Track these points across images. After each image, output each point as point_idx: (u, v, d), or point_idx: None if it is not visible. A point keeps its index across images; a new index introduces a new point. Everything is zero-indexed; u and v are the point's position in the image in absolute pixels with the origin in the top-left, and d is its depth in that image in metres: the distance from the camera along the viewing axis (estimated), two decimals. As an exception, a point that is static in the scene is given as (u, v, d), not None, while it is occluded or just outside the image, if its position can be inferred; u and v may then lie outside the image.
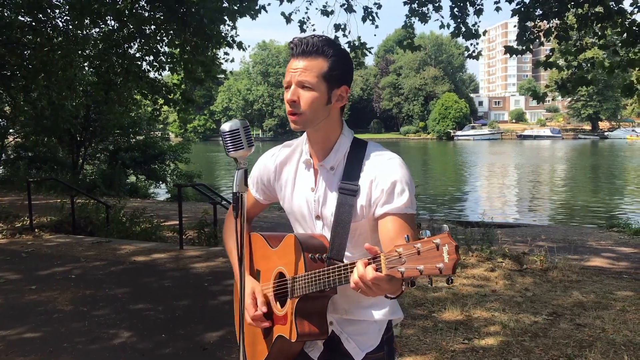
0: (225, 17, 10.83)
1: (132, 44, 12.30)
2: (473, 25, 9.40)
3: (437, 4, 9.78)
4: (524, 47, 9.79)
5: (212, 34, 11.14)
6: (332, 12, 10.68)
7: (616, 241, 10.54)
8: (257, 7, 10.51)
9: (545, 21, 9.85)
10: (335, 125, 1.83)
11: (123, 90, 13.34)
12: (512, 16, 9.87)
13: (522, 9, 9.44)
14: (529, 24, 9.68)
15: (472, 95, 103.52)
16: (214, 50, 12.04)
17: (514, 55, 9.78)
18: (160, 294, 5.94)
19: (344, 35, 10.08)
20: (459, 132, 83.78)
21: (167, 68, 13.01)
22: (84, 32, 12.12)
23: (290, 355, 1.86)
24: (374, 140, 1.90)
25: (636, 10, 9.11)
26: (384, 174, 1.72)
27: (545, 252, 7.35)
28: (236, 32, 12.17)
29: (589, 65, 10.11)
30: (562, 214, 18.28)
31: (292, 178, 1.91)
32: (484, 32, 10.10)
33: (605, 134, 77.81)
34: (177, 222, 8.60)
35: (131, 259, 7.56)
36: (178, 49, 11.77)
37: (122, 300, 5.71)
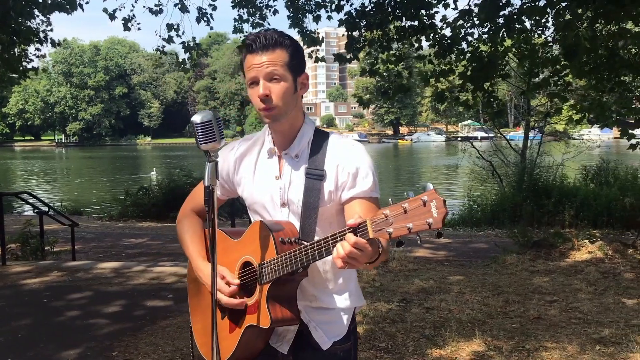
0: (36, 11, 9.91)
1: None
2: (313, 33, 9.78)
3: (272, 9, 10.01)
4: (351, 55, 10.42)
5: (20, 29, 10.09)
6: (161, 10, 10.33)
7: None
8: (76, 2, 9.76)
9: (369, 32, 10.56)
10: (299, 113, 1.86)
11: None
12: (339, 26, 10.44)
13: (350, 19, 10.04)
14: (356, 33, 10.32)
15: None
16: (22, 46, 10.92)
17: (323, 64, 10.37)
18: (-7, 315, 5.26)
19: (178, 36, 9.83)
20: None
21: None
22: None
23: (256, 350, 1.83)
24: (191, 145, 1.94)
25: (445, 26, 10.18)
26: (350, 159, 1.79)
27: (382, 246, 7.89)
28: (51, 27, 11.17)
29: (407, 73, 11.05)
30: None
31: (252, 168, 1.91)
32: (322, 39, 10.54)
33: (405, 137, 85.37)
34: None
35: (-57, 280, 6.57)
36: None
37: (-55, 326, 4.96)
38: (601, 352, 4.15)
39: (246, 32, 10.33)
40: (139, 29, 11.31)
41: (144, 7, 10.33)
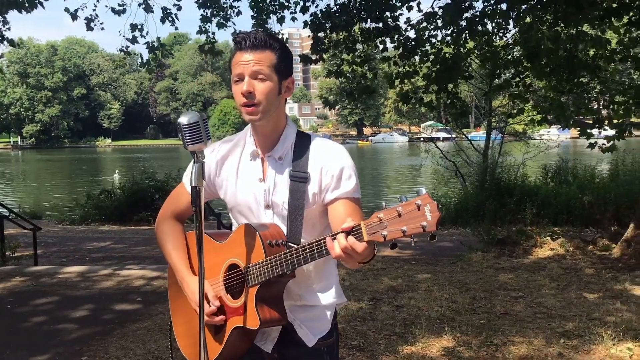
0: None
1: None
2: (276, 34, 9.76)
3: (237, 9, 9.98)
4: (317, 57, 10.45)
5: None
6: (124, 10, 10.18)
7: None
8: (36, 0, 9.53)
9: (334, 33, 10.61)
10: (282, 116, 1.88)
11: None
12: (304, 27, 10.47)
13: (315, 20, 10.08)
14: (321, 34, 10.36)
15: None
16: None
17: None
18: (-46, 323, 5.10)
19: (142, 36, 9.69)
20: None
21: None
22: None
23: (241, 351, 1.84)
24: (152, 147, 1.94)
25: (409, 27, 10.30)
26: (333, 161, 1.82)
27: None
28: (7, 26, 10.86)
29: (372, 75, 11.15)
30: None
31: (235, 171, 1.91)
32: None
33: (369, 138, 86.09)
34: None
35: None
36: None
37: None
38: (565, 345, 4.29)
39: (211, 33, 10.29)
40: (102, 28, 11.09)
41: (106, 6, 10.14)
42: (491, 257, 7.30)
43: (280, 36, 10.12)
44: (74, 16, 10.05)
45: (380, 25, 10.04)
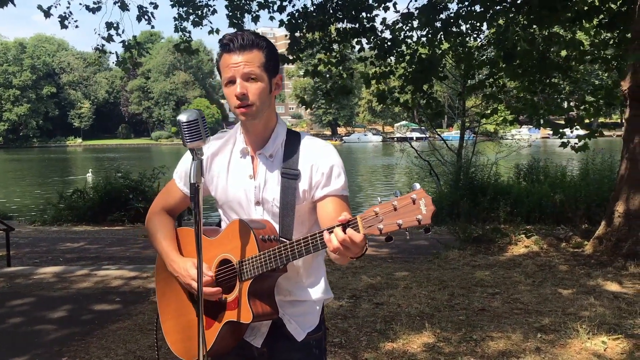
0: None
1: None
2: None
3: (212, 8, 9.96)
4: (294, 56, 10.48)
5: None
6: (99, 8, 10.08)
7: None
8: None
9: (310, 33, 10.65)
10: (273, 114, 1.91)
11: None
12: (279, 26, 10.48)
13: (292, 20, 10.11)
14: (298, 34, 10.39)
15: (222, 101, 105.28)
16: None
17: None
18: None
19: (118, 34, 9.61)
20: (212, 137, 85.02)
21: None
22: None
23: (231, 346, 1.87)
24: (124, 146, 1.97)
25: (385, 28, 10.40)
26: (323, 159, 1.86)
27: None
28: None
29: (348, 75, 11.22)
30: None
31: (226, 167, 1.94)
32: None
33: (342, 138, 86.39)
34: None
35: None
36: None
37: None
38: (542, 340, 4.39)
39: (188, 32, 10.25)
40: (76, 26, 10.91)
41: (80, 4, 10.01)
42: (467, 254, 7.41)
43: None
44: (47, 13, 9.90)
45: (357, 25, 10.10)
